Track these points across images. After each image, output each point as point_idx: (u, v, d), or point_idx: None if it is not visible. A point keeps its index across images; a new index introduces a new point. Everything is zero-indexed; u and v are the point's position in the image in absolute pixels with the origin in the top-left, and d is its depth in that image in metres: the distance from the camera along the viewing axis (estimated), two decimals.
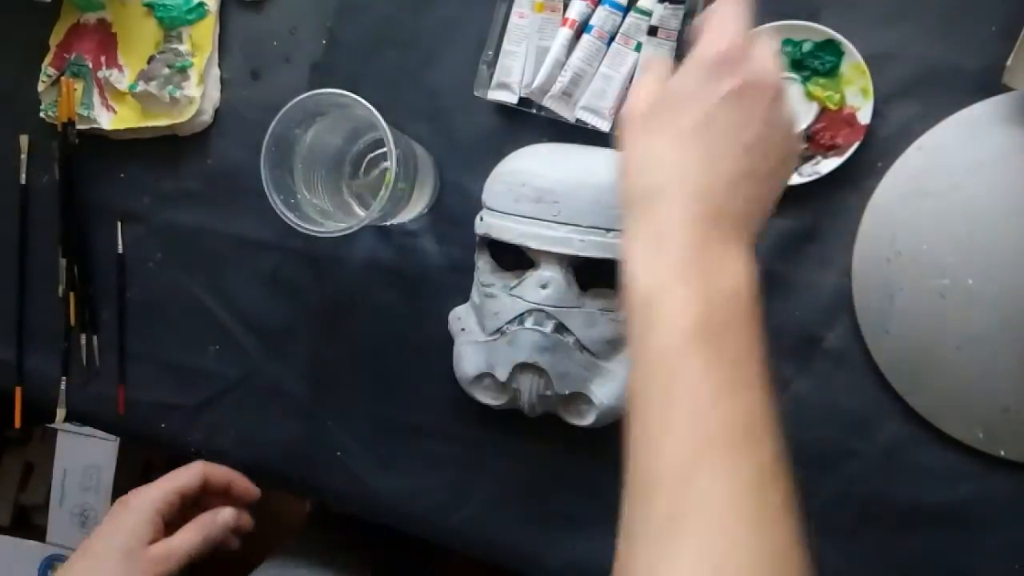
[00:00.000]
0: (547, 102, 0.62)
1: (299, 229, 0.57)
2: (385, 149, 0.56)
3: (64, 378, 0.74)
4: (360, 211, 0.65)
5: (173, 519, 0.64)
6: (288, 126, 0.58)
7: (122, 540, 0.60)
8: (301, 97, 0.57)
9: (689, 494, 0.36)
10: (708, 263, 0.40)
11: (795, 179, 0.59)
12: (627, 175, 0.44)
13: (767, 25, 0.59)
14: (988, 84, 0.56)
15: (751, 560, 0.34)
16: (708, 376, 0.37)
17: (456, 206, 0.67)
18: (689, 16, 0.59)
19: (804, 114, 0.59)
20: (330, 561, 0.74)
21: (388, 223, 0.64)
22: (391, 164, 0.55)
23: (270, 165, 0.58)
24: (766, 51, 0.44)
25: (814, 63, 0.58)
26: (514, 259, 0.61)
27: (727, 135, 0.42)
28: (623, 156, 0.45)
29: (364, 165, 0.65)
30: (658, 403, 0.38)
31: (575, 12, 0.61)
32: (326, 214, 0.62)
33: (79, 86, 0.71)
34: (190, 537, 0.62)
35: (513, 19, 0.64)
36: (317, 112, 0.60)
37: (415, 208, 0.65)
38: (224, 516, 0.64)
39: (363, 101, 0.56)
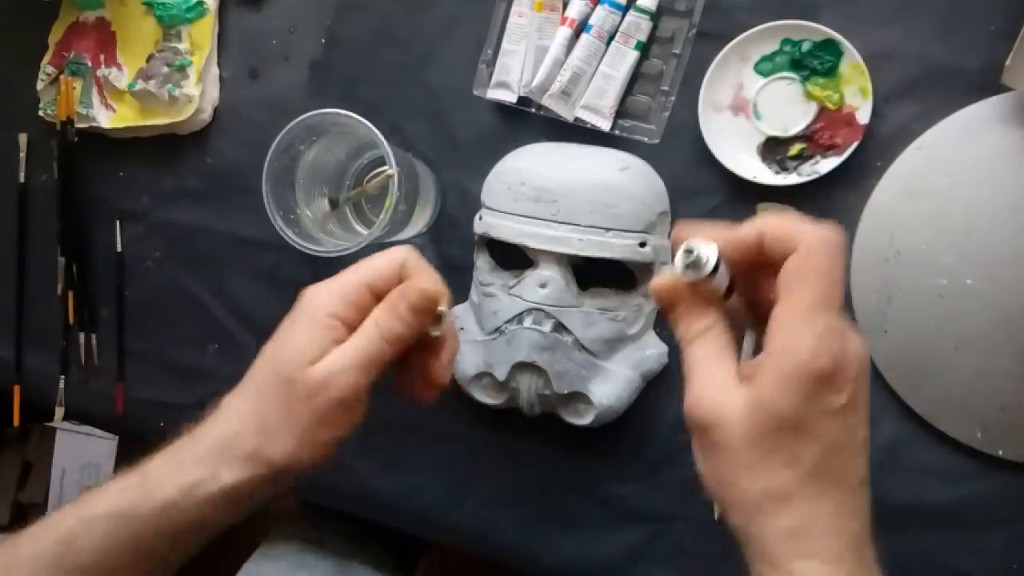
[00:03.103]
0: (546, 101, 0.62)
1: (297, 247, 0.57)
2: (387, 167, 0.56)
3: (63, 376, 0.75)
4: (357, 224, 0.66)
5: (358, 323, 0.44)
6: (291, 143, 0.59)
7: (284, 357, 0.42)
8: (305, 116, 0.57)
9: None
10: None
11: (794, 179, 0.59)
12: (735, 498, 0.37)
13: (767, 24, 0.59)
14: (987, 84, 0.56)
15: None
16: None
17: (455, 205, 0.67)
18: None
19: (803, 114, 0.59)
20: (325, 548, 0.75)
21: (387, 241, 0.64)
22: (392, 188, 0.55)
23: (272, 181, 0.58)
24: (856, 341, 0.36)
25: (813, 63, 0.58)
26: (513, 258, 0.61)
27: (844, 452, 0.36)
28: (722, 467, 0.37)
29: (366, 181, 0.65)
30: None
31: (574, 11, 0.61)
32: (325, 228, 0.62)
33: (78, 84, 0.71)
34: (359, 345, 0.41)
35: (512, 18, 0.64)
36: (320, 130, 0.60)
37: (415, 227, 0.65)
38: (411, 296, 0.42)
39: (367, 122, 0.56)
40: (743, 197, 0.60)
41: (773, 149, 0.60)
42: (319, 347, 0.41)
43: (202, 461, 0.41)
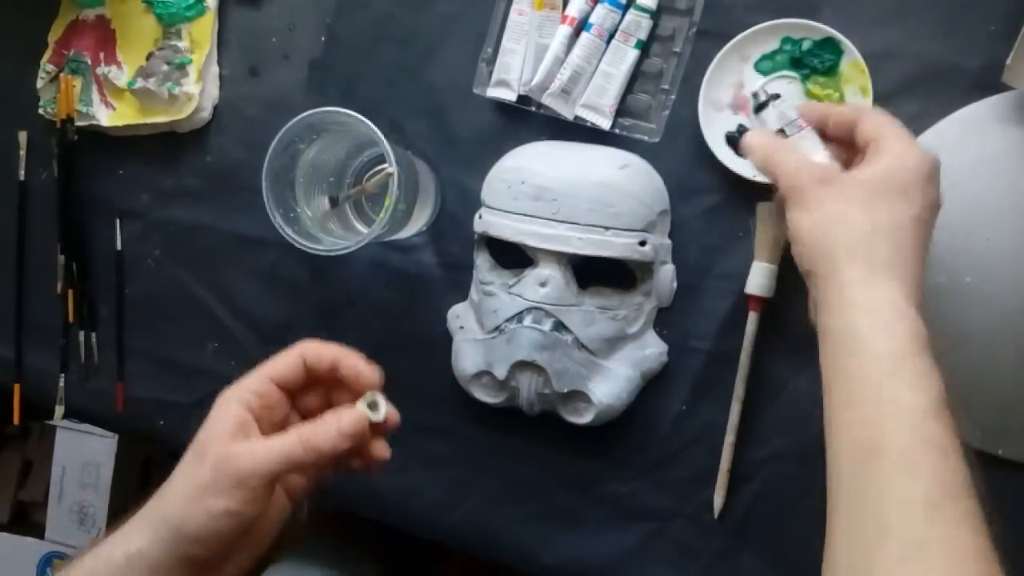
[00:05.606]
0: (546, 100, 0.62)
1: (297, 245, 0.57)
2: (387, 165, 0.56)
3: (63, 375, 0.75)
4: (357, 223, 0.66)
5: (278, 417, 0.48)
6: (291, 141, 0.59)
7: (199, 435, 0.46)
8: (305, 114, 0.57)
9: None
10: (895, 312, 0.46)
11: None
12: (813, 237, 0.48)
13: (767, 23, 0.59)
14: (987, 83, 0.56)
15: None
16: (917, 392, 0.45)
17: (455, 203, 0.67)
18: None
19: None
20: (338, 563, 0.74)
21: (387, 240, 0.64)
22: (391, 187, 0.55)
23: (271, 180, 0.58)
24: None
25: (813, 61, 0.58)
26: (513, 257, 0.61)
27: (935, 212, 0.49)
28: (806, 217, 0.49)
29: (365, 179, 0.65)
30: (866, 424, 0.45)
31: (574, 10, 0.61)
32: (325, 227, 0.62)
33: (78, 83, 0.71)
34: (282, 444, 0.44)
35: (512, 16, 0.64)
36: (320, 128, 0.60)
37: (414, 226, 0.65)
38: (344, 423, 0.45)
39: (366, 120, 0.56)
40: (743, 195, 0.60)
41: None
42: (229, 430, 0.45)
43: (129, 525, 0.45)
